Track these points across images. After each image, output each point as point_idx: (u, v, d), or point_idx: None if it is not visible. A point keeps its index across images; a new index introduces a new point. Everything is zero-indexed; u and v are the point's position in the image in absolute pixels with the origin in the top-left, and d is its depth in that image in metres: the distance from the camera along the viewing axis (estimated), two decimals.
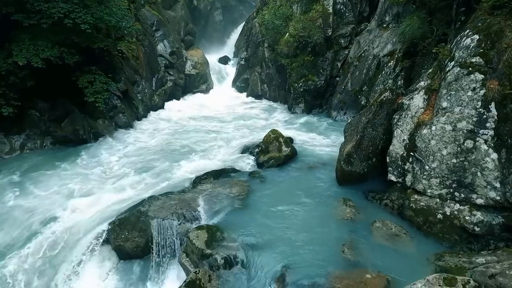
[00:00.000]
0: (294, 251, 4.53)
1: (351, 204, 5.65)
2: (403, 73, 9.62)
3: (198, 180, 6.57)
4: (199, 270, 4.17)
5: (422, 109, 5.56)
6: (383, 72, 10.25)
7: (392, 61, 9.99)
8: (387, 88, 7.03)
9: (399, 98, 6.16)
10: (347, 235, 4.87)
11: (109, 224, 5.42)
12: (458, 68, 5.05)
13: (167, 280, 4.83)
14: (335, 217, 5.32)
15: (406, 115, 5.67)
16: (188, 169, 7.50)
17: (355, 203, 5.69)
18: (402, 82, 9.49)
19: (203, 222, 5.33)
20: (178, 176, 7.19)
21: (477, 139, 4.71)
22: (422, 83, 5.83)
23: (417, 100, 5.63)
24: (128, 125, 10.62)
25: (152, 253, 5.03)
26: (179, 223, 5.25)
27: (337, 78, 12.41)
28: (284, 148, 7.65)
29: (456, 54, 5.25)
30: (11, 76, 7.50)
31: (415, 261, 4.38)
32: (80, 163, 7.93)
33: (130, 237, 5.20)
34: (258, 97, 15.30)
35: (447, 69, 5.30)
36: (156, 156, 8.38)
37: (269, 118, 12.15)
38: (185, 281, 4.10)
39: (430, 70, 5.91)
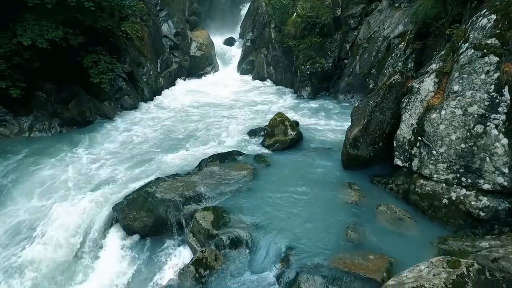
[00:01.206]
0: (299, 233, 4.60)
1: (356, 188, 5.66)
2: (413, 56, 9.33)
3: (204, 163, 6.62)
4: (205, 249, 4.29)
5: (432, 93, 5.43)
6: (393, 55, 9.96)
7: (402, 43, 9.69)
8: (397, 71, 6.84)
9: (408, 81, 6.01)
10: (351, 218, 4.91)
11: (118, 204, 5.56)
12: (472, 50, 4.87)
13: (175, 258, 4.97)
14: (340, 200, 5.36)
15: (416, 99, 5.55)
16: (193, 152, 7.57)
17: (360, 187, 5.70)
18: (412, 64, 9.24)
19: (209, 203, 5.42)
20: (183, 158, 7.26)
21: (488, 124, 4.62)
22: (433, 66, 5.67)
23: (428, 84, 5.49)
24: (134, 107, 10.65)
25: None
26: (185, 204, 5.35)
27: (345, 61, 12.14)
28: (290, 131, 7.61)
29: (471, 35, 5.04)
30: (16, 57, 7.49)
31: (418, 244, 4.43)
32: (88, 145, 8.04)
33: (138, 217, 5.34)
34: (264, 79, 15.10)
35: (461, 51, 5.12)
36: (161, 138, 8.44)
37: (274, 101, 12.03)
38: (192, 259, 4.23)
39: (443, 52, 5.72)
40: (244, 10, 19.96)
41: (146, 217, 5.32)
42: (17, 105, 8.07)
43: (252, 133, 8.42)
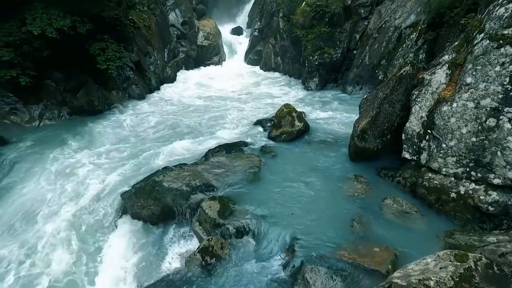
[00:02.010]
0: (304, 224, 4.63)
1: (363, 181, 5.64)
2: (425, 46, 9.10)
3: (210, 153, 6.65)
4: (212, 238, 4.35)
5: (444, 85, 5.30)
6: (404, 45, 9.73)
7: (414, 33, 9.44)
8: (408, 62, 6.69)
9: (419, 73, 5.88)
10: (357, 210, 4.91)
11: (126, 192, 5.65)
12: (488, 41, 4.71)
13: (181, 246, 5.06)
14: (346, 192, 5.35)
15: (426, 91, 5.43)
16: (199, 142, 7.60)
17: (367, 180, 5.67)
18: (424, 56, 9.02)
19: (215, 193, 5.47)
20: (190, 148, 7.30)
21: (501, 117, 4.50)
22: (446, 57, 5.52)
23: (439, 75, 5.36)
24: (141, 97, 10.69)
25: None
26: (192, 193, 5.41)
27: (355, 51, 11.91)
28: (296, 123, 7.56)
29: (487, 25, 4.87)
30: (25, 45, 7.54)
31: (424, 237, 4.41)
32: (96, 133, 8.13)
33: (146, 205, 5.42)
34: (271, 70, 14.96)
35: (475, 41, 4.96)
36: (167, 128, 8.49)
37: (282, 92, 11.94)
38: (199, 247, 4.30)
39: (456, 43, 5.56)
40: None
41: (153, 205, 5.40)
42: (27, 93, 8.18)
43: (259, 124, 8.40)
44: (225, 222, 4.65)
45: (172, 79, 13.13)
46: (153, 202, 5.43)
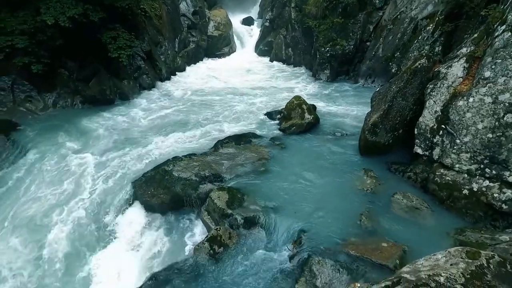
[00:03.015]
0: (312, 217, 4.63)
1: (372, 175, 5.57)
2: (442, 39, 8.80)
3: (220, 144, 6.68)
4: (220, 228, 4.40)
5: (461, 79, 5.14)
6: (419, 37, 9.44)
7: (431, 25, 9.13)
8: (423, 54, 6.49)
9: (435, 66, 5.71)
10: (366, 205, 4.87)
11: (136, 180, 5.76)
12: (510, 33, 4.52)
13: (190, 234, 5.15)
14: (355, 187, 5.31)
15: (442, 85, 5.28)
16: (209, 132, 7.64)
17: (377, 174, 5.61)
18: (440, 48, 8.73)
19: (224, 184, 5.51)
20: (199, 138, 7.35)
21: None
22: (464, 50, 5.33)
23: (456, 69, 5.19)
24: (152, 87, 10.76)
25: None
26: (201, 183, 5.46)
27: (368, 43, 11.62)
28: (307, 115, 7.50)
29: (509, 16, 4.66)
30: (39, 34, 7.64)
31: (434, 234, 4.36)
32: (108, 122, 8.26)
33: (156, 194, 5.52)
34: (281, 61, 14.79)
35: (496, 34, 4.77)
36: (178, 118, 8.55)
37: (292, 83, 11.82)
38: (207, 236, 4.37)
39: (476, 35, 5.35)
40: None
41: (163, 194, 5.49)
42: (42, 81, 8.33)
43: (268, 115, 8.37)
44: (233, 212, 4.70)
45: (182, 70, 13.14)
46: (163, 191, 5.51)
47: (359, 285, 2.27)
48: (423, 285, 1.92)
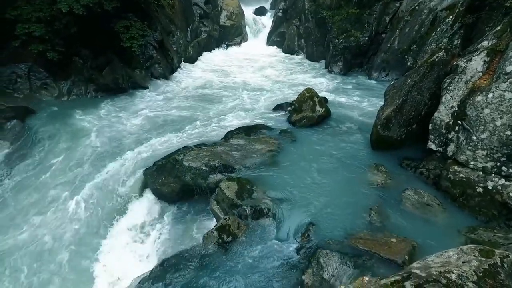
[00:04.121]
0: (321, 210, 4.63)
1: (383, 170, 5.50)
2: (462, 31, 8.48)
3: (230, 135, 6.70)
4: (229, 217, 4.46)
5: (480, 73, 4.97)
6: (438, 29, 9.12)
7: (451, 16, 8.79)
8: (442, 47, 6.28)
9: (454, 60, 5.53)
10: (376, 200, 4.83)
11: (148, 169, 5.86)
12: None
13: (199, 223, 5.24)
14: (365, 181, 5.26)
15: (460, 79, 5.12)
16: (219, 123, 7.66)
17: (388, 169, 5.53)
18: (459, 41, 8.43)
19: (233, 174, 5.54)
20: (210, 129, 7.39)
21: None
22: (485, 43, 5.13)
23: (476, 63, 5.01)
24: (163, 76, 10.80)
25: None
26: (211, 173, 5.52)
27: (383, 35, 11.30)
28: (318, 108, 7.41)
29: None
30: (56, 22, 7.74)
31: (445, 231, 4.30)
32: (121, 111, 8.37)
33: (166, 182, 5.61)
34: (294, 52, 14.59)
35: None
36: (188, 108, 8.60)
37: (304, 75, 11.67)
38: (216, 225, 4.43)
39: (498, 28, 5.13)
40: None
41: (173, 183, 5.58)
42: (57, 69, 8.48)
43: (279, 107, 8.31)
44: (242, 203, 4.73)
45: (193, 59, 13.12)
46: (173, 180, 5.60)
47: (367, 278, 2.27)
48: (433, 281, 1.90)
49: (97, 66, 9.07)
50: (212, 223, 4.99)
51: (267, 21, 17.93)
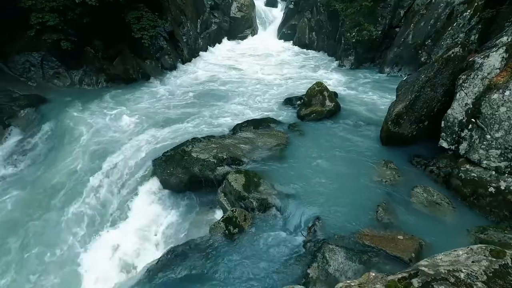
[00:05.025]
0: (327, 205, 4.62)
1: (393, 167, 5.44)
2: (480, 26, 8.21)
3: (238, 127, 6.70)
4: (236, 209, 4.49)
5: (497, 70, 4.81)
6: (454, 24, 8.86)
7: (469, 10, 8.52)
8: (458, 42, 6.10)
9: (470, 56, 5.37)
10: (384, 196, 4.79)
11: (156, 159, 5.92)
12: None
13: (206, 214, 5.30)
14: (374, 177, 5.21)
15: (476, 76, 4.98)
16: (228, 116, 7.66)
17: (397, 166, 5.46)
18: (477, 36, 8.17)
19: (241, 167, 5.56)
20: (218, 121, 7.40)
21: None
22: (504, 39, 4.96)
23: (494, 59, 4.86)
24: (173, 68, 10.83)
25: None
26: (218, 165, 5.55)
27: (397, 29, 11.05)
28: (327, 102, 7.34)
29: None
30: (69, 12, 7.80)
31: (454, 230, 4.25)
32: (131, 101, 8.45)
33: (174, 173, 5.67)
34: (304, 46, 14.40)
35: None
36: (197, 100, 8.62)
37: (314, 69, 11.53)
38: (223, 217, 4.48)
39: None
40: None
41: (181, 174, 5.63)
42: (69, 59, 8.58)
43: (288, 101, 8.26)
44: (249, 195, 4.76)
45: (203, 51, 13.09)
46: (181, 171, 5.65)
47: (373, 274, 2.26)
48: (442, 279, 1.89)
49: (108, 57, 9.14)
50: (219, 215, 5.03)
51: (278, 13, 17.69)
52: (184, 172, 5.63)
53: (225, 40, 15.00)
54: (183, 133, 6.85)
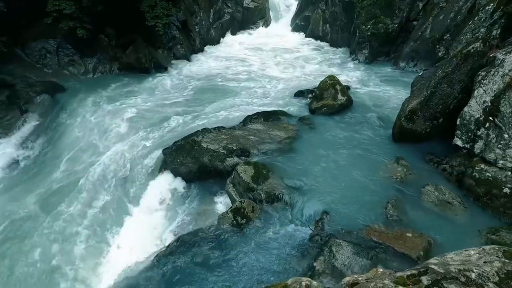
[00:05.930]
0: (336, 200, 4.60)
1: (404, 164, 5.35)
2: (503, 21, 7.87)
3: (249, 119, 6.69)
4: (244, 200, 4.53)
5: None
6: (476, 18, 8.50)
7: (492, 4, 8.16)
8: (479, 37, 5.87)
9: (491, 51, 5.17)
10: (394, 193, 4.73)
11: (167, 148, 6.00)
12: None
13: (215, 204, 5.37)
14: (385, 173, 5.14)
15: (496, 73, 4.80)
16: (238, 107, 7.66)
17: (409, 163, 5.37)
18: (499, 31, 7.83)
19: (250, 159, 5.58)
20: (229, 112, 7.40)
21: None
22: None
23: None
24: (185, 57, 10.83)
25: None
26: (228, 156, 5.58)
27: (414, 22, 10.67)
28: (339, 96, 7.23)
29: None
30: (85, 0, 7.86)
31: (464, 230, 4.18)
32: (143, 90, 8.53)
33: (184, 162, 5.74)
34: (318, 38, 14.14)
35: None
36: (209, 90, 8.64)
37: (327, 62, 11.34)
38: (231, 207, 4.53)
39: None
40: None
41: (191, 163, 5.70)
42: (84, 46, 8.69)
43: (300, 94, 8.17)
44: (258, 187, 4.78)
45: (215, 41, 13.02)
46: (191, 160, 5.71)
47: (381, 270, 2.25)
48: (452, 278, 1.87)
49: (122, 45, 9.21)
50: (227, 205, 5.09)
51: (292, 3, 17.37)
52: (194, 161, 5.69)
53: (238, 31, 14.87)
54: (193, 122, 6.90)
